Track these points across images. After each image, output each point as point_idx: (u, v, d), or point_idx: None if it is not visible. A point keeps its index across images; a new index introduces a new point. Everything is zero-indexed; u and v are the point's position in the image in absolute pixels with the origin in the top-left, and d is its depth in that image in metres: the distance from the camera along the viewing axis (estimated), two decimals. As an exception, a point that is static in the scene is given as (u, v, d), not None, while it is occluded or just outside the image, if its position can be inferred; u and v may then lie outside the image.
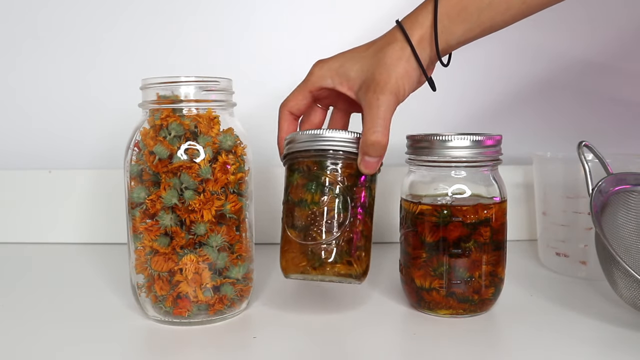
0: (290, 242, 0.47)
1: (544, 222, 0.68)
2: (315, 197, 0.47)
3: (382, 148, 0.47)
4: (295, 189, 0.48)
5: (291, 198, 0.48)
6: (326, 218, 0.47)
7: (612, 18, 0.82)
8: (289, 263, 0.47)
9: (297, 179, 0.48)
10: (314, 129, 0.48)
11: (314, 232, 0.46)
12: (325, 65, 0.51)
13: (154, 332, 0.49)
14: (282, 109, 0.53)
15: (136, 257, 0.50)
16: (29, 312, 0.54)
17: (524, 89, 0.83)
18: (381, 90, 0.47)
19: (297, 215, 0.47)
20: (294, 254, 0.47)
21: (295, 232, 0.47)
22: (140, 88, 0.51)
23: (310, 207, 0.47)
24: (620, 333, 0.47)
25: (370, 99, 0.47)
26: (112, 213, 0.79)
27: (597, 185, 0.53)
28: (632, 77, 0.83)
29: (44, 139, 0.84)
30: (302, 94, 0.52)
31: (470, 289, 0.50)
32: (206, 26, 0.82)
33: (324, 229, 0.46)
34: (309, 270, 0.46)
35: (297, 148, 0.48)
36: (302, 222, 0.47)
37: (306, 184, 0.47)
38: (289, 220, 0.48)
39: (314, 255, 0.46)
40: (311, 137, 0.48)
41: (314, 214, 0.47)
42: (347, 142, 0.48)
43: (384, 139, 0.47)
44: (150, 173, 0.48)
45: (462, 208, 0.49)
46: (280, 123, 0.53)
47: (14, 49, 0.83)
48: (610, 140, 0.79)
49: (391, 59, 0.48)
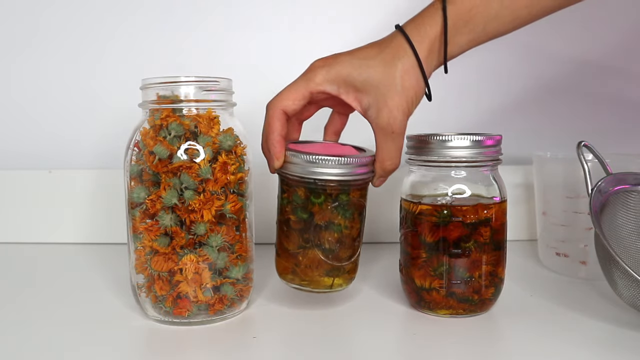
0: (311, 259, 0.49)
1: (544, 222, 0.68)
2: (347, 222, 0.49)
3: (393, 171, 0.50)
4: (322, 212, 0.48)
5: (314, 217, 0.49)
6: (355, 239, 0.51)
7: (612, 18, 0.82)
8: (308, 275, 0.50)
9: (323, 203, 0.48)
10: (339, 156, 0.47)
11: (342, 252, 0.50)
12: (331, 69, 0.48)
13: (154, 332, 0.49)
14: (275, 106, 0.49)
15: (136, 257, 0.50)
16: (28, 312, 0.54)
17: (524, 89, 0.83)
18: (395, 118, 0.47)
19: (326, 237, 0.49)
20: (314, 269, 0.50)
21: (323, 254, 0.49)
22: (140, 88, 0.51)
23: (342, 231, 0.49)
24: (620, 333, 0.47)
25: (385, 128, 0.48)
26: (112, 213, 0.79)
27: (597, 185, 0.53)
28: (632, 77, 0.83)
29: (44, 139, 0.84)
30: (301, 94, 0.49)
31: (470, 289, 0.50)
32: (206, 26, 0.82)
33: (350, 249, 0.50)
34: (332, 282, 0.51)
35: (325, 176, 0.47)
36: (332, 244, 0.49)
37: (337, 209, 0.49)
38: (314, 239, 0.49)
39: (339, 271, 0.51)
40: (339, 165, 0.47)
41: (343, 237, 0.49)
42: (371, 170, 0.50)
43: (398, 164, 0.50)
44: (150, 173, 0.48)
45: (462, 208, 0.49)
46: (271, 122, 0.49)
47: (14, 49, 0.83)
48: (610, 140, 0.79)
49: (402, 80, 0.47)
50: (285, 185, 0.51)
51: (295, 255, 0.50)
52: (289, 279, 0.51)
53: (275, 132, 0.49)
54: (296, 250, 0.50)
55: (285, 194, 0.51)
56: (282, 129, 0.49)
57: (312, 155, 0.47)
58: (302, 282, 0.51)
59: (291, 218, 0.50)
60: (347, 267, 0.51)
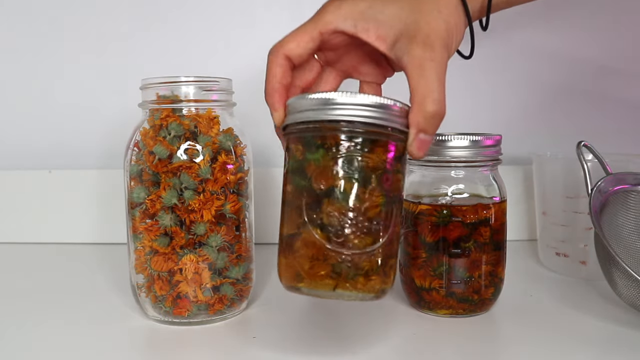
0: (308, 246, 0.35)
1: (544, 222, 0.68)
2: (359, 188, 0.35)
3: (441, 120, 0.36)
4: (323, 172, 0.35)
5: (312, 182, 0.35)
6: (372, 217, 0.35)
7: (612, 18, 0.82)
8: (303, 274, 0.35)
9: (323, 157, 0.35)
10: (348, 92, 0.35)
11: (353, 235, 0.35)
12: (344, 4, 0.39)
13: (153, 332, 0.49)
14: (277, 51, 0.40)
15: (136, 257, 0.50)
16: (28, 312, 0.54)
17: (524, 89, 0.83)
18: (432, 44, 0.36)
19: (326, 210, 0.35)
20: (314, 262, 0.35)
21: (323, 232, 0.35)
22: (140, 88, 0.51)
23: (352, 201, 0.34)
24: (619, 333, 0.47)
25: (421, 56, 0.36)
26: (112, 213, 0.79)
27: (597, 185, 0.53)
28: (632, 78, 0.83)
29: (44, 139, 0.84)
30: (309, 35, 0.39)
31: (470, 289, 0.50)
32: (206, 26, 0.82)
33: (366, 232, 0.35)
34: (335, 285, 0.35)
35: (331, 116, 0.35)
36: (336, 221, 0.35)
37: (343, 168, 0.35)
38: (310, 215, 0.35)
39: (349, 266, 0.35)
40: (357, 103, 0.35)
41: (355, 211, 0.34)
42: (396, 115, 0.36)
43: (444, 108, 0.36)
44: (150, 173, 0.48)
45: (462, 208, 0.49)
46: (271, 68, 0.40)
47: (14, 49, 0.83)
48: (610, 140, 0.79)
49: (438, 5, 0.38)
50: (286, 150, 0.39)
51: (291, 243, 0.36)
52: (301, 285, 0.36)
53: (274, 79, 0.40)
54: (293, 232, 0.36)
55: (286, 161, 0.39)
56: (282, 76, 0.40)
57: (307, 95, 0.36)
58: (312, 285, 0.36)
59: (287, 189, 0.37)
60: (363, 263, 0.35)
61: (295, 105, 0.38)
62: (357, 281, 0.35)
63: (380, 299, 0.37)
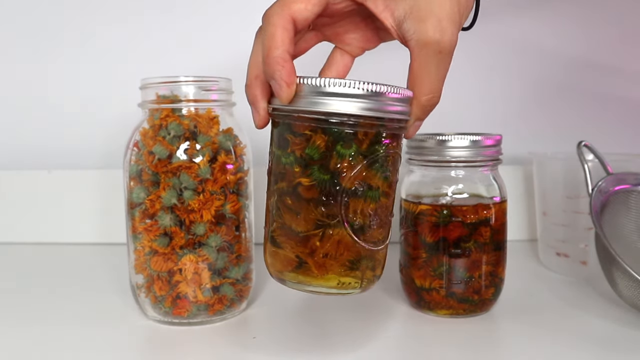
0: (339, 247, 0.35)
1: (544, 222, 0.68)
2: (384, 185, 0.35)
3: (433, 109, 0.37)
4: (359, 173, 0.34)
5: (342, 178, 0.34)
6: (390, 212, 0.37)
7: (613, 17, 0.82)
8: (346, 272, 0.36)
9: (356, 152, 0.34)
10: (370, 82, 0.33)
11: (377, 231, 0.36)
12: None
13: (153, 332, 0.49)
14: (283, 12, 0.35)
15: (135, 257, 0.50)
16: (28, 312, 0.54)
17: (524, 88, 0.83)
18: (443, 30, 0.34)
19: (359, 210, 0.35)
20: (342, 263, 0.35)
21: (354, 233, 0.35)
22: (140, 88, 0.51)
23: (379, 198, 0.35)
24: (620, 333, 0.47)
25: (431, 45, 0.34)
26: (112, 213, 0.79)
27: (597, 185, 0.53)
28: (632, 77, 0.83)
29: (44, 139, 0.84)
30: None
31: (470, 289, 0.50)
32: (206, 25, 0.82)
33: (386, 226, 0.37)
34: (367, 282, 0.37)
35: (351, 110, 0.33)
36: (367, 219, 0.35)
37: (373, 165, 0.34)
38: (348, 216, 0.34)
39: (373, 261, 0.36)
40: (377, 99, 0.33)
41: (381, 207, 0.35)
42: (407, 106, 0.36)
43: (439, 98, 0.37)
44: (149, 173, 0.48)
45: (462, 208, 0.49)
46: (275, 34, 0.34)
47: (14, 49, 0.83)
48: (610, 140, 0.79)
49: None
50: (289, 133, 0.35)
51: (307, 241, 0.35)
52: (291, 277, 0.36)
53: (282, 47, 0.34)
54: (311, 231, 0.35)
55: (289, 147, 0.35)
56: (290, 44, 0.34)
57: (343, 81, 0.33)
58: (312, 280, 0.36)
59: (303, 183, 0.35)
60: (379, 256, 0.37)
61: (315, 89, 0.33)
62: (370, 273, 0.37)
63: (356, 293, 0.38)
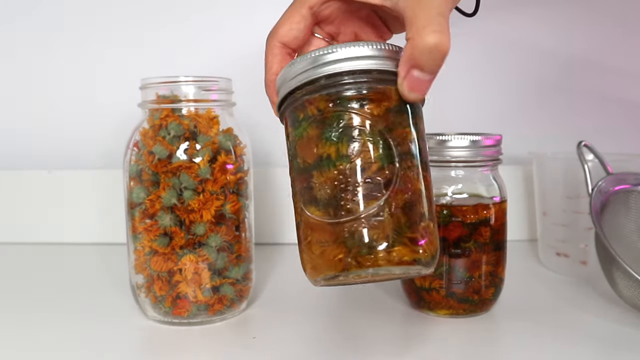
0: (313, 229, 0.32)
1: (544, 222, 0.68)
2: (342, 148, 0.31)
3: (442, 56, 0.31)
4: (306, 146, 0.32)
5: (302, 162, 0.33)
6: (363, 176, 0.31)
7: (613, 17, 0.82)
8: (317, 262, 0.31)
9: (307, 130, 0.32)
10: (317, 49, 0.33)
11: (348, 201, 0.30)
12: None
13: (153, 332, 0.49)
14: (271, 39, 0.38)
15: (135, 257, 0.50)
16: (28, 312, 0.54)
17: (523, 88, 0.83)
18: None
19: (317, 183, 0.32)
20: (324, 246, 0.31)
21: (319, 210, 0.31)
22: (140, 88, 0.51)
23: (336, 165, 0.31)
24: (620, 333, 0.47)
25: None
26: (112, 213, 0.79)
27: (597, 185, 0.53)
28: (632, 77, 0.83)
29: (44, 139, 0.84)
30: (299, 14, 0.37)
31: (470, 289, 0.50)
32: (206, 25, 0.82)
33: (362, 193, 0.30)
34: (352, 265, 0.30)
35: (297, 83, 0.33)
36: (328, 190, 0.31)
37: (323, 133, 0.32)
38: (305, 196, 0.32)
39: (353, 237, 0.30)
40: (315, 60, 0.32)
41: (343, 173, 0.31)
42: (377, 57, 0.32)
43: (447, 42, 0.31)
44: (149, 173, 0.48)
45: (462, 208, 0.49)
46: (268, 59, 0.38)
47: (13, 49, 0.83)
48: (610, 140, 0.79)
49: None
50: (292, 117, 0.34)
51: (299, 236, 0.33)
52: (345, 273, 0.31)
53: (270, 71, 0.38)
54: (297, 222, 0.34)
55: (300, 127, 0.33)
56: (279, 66, 0.37)
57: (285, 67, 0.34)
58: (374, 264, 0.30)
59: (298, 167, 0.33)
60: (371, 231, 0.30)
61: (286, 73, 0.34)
62: (373, 254, 0.30)
63: (424, 272, 0.32)
